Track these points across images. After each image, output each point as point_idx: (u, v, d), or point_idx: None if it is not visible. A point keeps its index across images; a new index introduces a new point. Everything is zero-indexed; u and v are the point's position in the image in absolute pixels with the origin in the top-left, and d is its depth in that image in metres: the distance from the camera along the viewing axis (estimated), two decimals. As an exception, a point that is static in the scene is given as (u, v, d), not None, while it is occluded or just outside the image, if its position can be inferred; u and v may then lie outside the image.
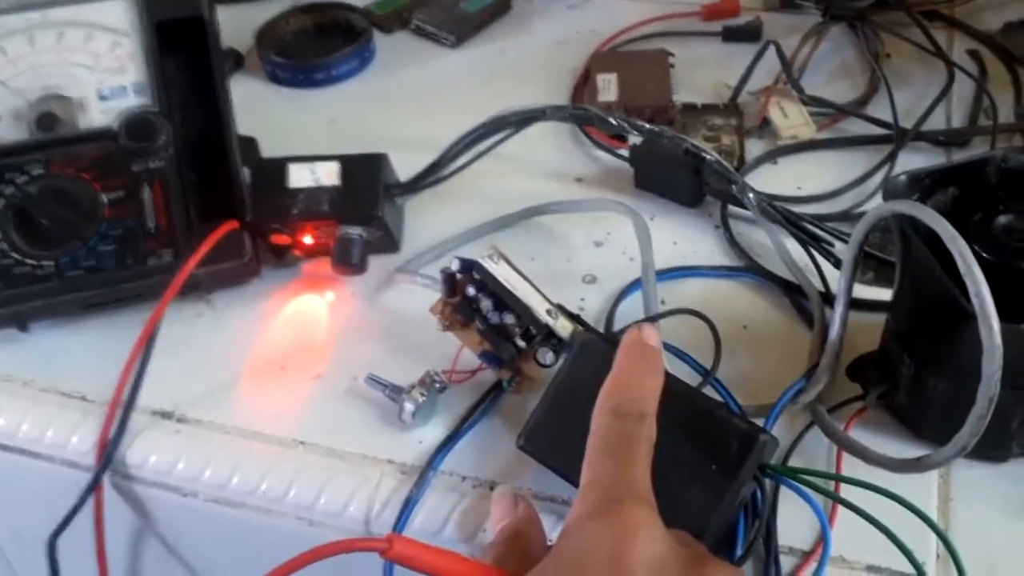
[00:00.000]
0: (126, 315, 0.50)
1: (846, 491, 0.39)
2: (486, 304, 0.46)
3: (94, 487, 0.46)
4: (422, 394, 0.45)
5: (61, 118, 0.52)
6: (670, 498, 0.35)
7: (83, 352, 0.51)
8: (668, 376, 0.39)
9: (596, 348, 0.42)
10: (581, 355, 0.43)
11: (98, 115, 0.52)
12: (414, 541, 0.34)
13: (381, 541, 0.33)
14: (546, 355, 0.45)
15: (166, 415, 0.48)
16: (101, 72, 0.53)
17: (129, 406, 0.47)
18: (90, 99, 0.53)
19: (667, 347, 0.45)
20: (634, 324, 0.41)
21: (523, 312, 0.45)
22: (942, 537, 0.38)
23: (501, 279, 0.45)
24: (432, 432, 0.46)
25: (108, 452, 0.46)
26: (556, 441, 0.42)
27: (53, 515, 0.47)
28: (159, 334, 0.47)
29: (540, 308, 0.45)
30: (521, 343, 0.45)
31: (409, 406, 0.45)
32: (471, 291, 0.46)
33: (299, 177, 0.52)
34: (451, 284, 0.47)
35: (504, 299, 0.45)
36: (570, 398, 0.42)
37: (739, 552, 0.39)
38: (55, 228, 0.50)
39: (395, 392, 0.46)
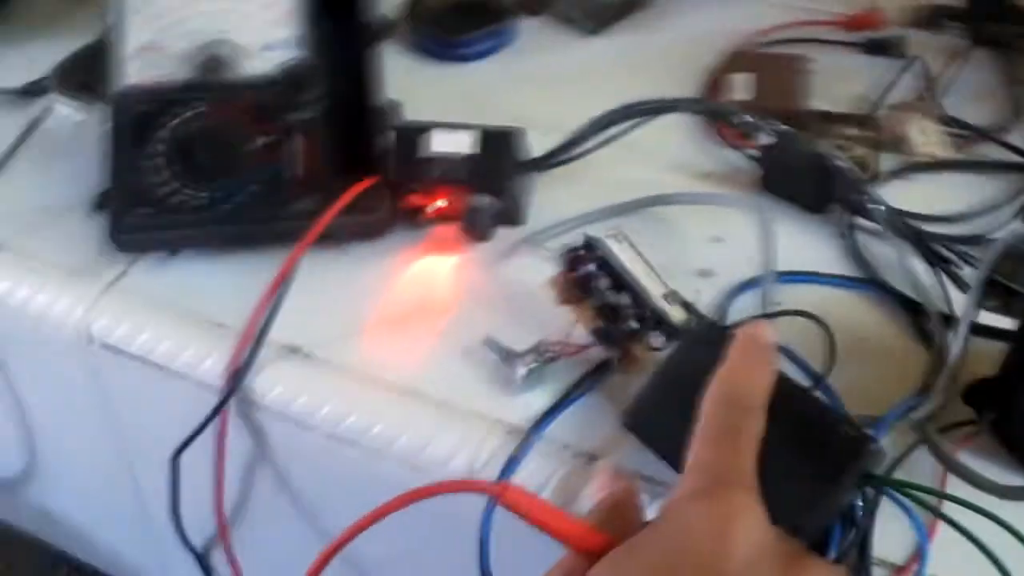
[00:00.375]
0: (267, 254, 0.52)
1: (948, 512, 0.39)
2: (603, 283, 0.47)
3: (220, 410, 0.50)
4: (534, 361, 0.47)
5: (225, 63, 0.55)
6: (771, 494, 0.35)
7: (224, 283, 0.54)
8: (781, 375, 0.39)
9: (708, 338, 0.43)
10: (692, 343, 0.43)
11: (259, 63, 0.55)
12: (527, 492, 0.35)
13: (497, 486, 0.34)
14: (657, 339, 0.46)
15: (294, 350, 0.50)
16: (265, 23, 0.56)
17: (261, 338, 0.49)
18: (254, 48, 0.56)
19: (781, 348, 0.45)
20: (751, 319, 0.41)
21: (638, 294, 0.46)
22: (1046, 567, 0.37)
23: (621, 260, 0.46)
24: (539, 399, 0.47)
25: (237, 379, 0.49)
26: (659, 424, 0.43)
27: (179, 433, 0.51)
28: (295, 275, 0.50)
29: (655, 292, 0.46)
30: (633, 324, 0.46)
31: (520, 371, 0.47)
32: (590, 268, 0.47)
33: (439, 143, 0.54)
34: (572, 260, 0.48)
35: (621, 279, 0.46)
36: (677, 383, 0.43)
37: (832, 558, 0.40)
38: (211, 164, 0.53)
39: (508, 356, 0.48)
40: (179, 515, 0.53)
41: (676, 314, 0.46)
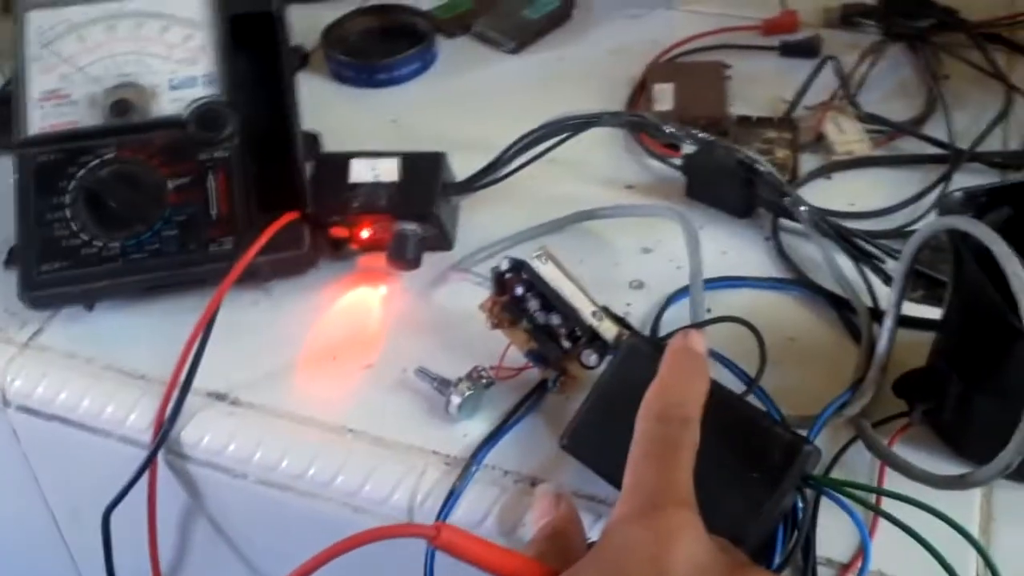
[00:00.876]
0: (187, 299, 0.51)
1: (887, 506, 0.39)
2: (534, 304, 0.46)
3: (148, 464, 0.48)
4: (469, 388, 0.46)
5: (134, 105, 0.54)
6: (711, 504, 0.35)
7: (144, 333, 0.52)
8: (713, 383, 0.39)
9: (641, 352, 0.43)
10: (626, 358, 0.43)
11: (169, 104, 0.54)
12: (462, 531, 0.34)
13: (430, 528, 0.33)
14: (590, 357, 0.45)
15: (221, 397, 0.49)
16: (174, 63, 0.55)
17: (186, 387, 0.48)
18: (162, 88, 0.54)
19: (712, 355, 0.45)
20: (681, 330, 0.41)
21: (569, 313, 0.45)
22: (984, 556, 0.38)
23: (549, 280, 0.46)
24: (477, 426, 0.46)
25: (164, 431, 0.48)
26: (598, 442, 0.42)
27: (108, 490, 0.49)
28: (217, 319, 0.48)
29: (586, 310, 0.46)
30: (566, 344, 0.46)
31: (456, 399, 0.46)
32: (519, 290, 0.47)
33: (359, 172, 0.53)
34: (501, 283, 0.47)
35: (551, 300, 0.46)
36: (614, 400, 0.42)
37: (777, 562, 0.39)
38: (122, 211, 0.51)
39: (442, 385, 0.47)
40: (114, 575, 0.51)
41: (608, 330, 0.46)
